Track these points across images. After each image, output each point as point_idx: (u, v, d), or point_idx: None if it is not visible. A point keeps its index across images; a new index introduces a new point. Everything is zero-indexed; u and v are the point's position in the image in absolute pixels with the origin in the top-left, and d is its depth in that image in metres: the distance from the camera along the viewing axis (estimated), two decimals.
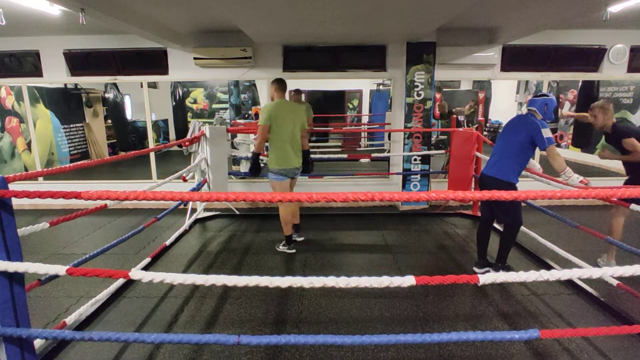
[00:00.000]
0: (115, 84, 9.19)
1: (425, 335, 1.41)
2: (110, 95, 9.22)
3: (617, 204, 2.93)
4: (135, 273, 1.56)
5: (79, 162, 2.37)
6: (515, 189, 3.02)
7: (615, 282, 2.85)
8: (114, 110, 9.42)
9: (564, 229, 4.28)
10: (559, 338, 2.39)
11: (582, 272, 1.48)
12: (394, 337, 1.39)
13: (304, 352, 2.29)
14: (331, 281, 1.42)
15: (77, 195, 1.48)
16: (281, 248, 3.91)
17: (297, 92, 5.97)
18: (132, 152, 3.22)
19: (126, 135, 9.83)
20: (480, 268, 3.41)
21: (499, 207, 3.15)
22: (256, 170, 3.60)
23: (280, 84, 3.63)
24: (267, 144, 3.70)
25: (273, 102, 3.61)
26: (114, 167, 8.56)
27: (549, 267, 3.41)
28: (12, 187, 1.65)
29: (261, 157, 3.78)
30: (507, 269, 3.25)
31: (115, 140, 9.76)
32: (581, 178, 2.82)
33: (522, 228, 3.40)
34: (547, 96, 2.97)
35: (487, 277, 1.47)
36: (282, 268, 3.55)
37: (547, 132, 2.86)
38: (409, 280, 1.43)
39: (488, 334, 1.46)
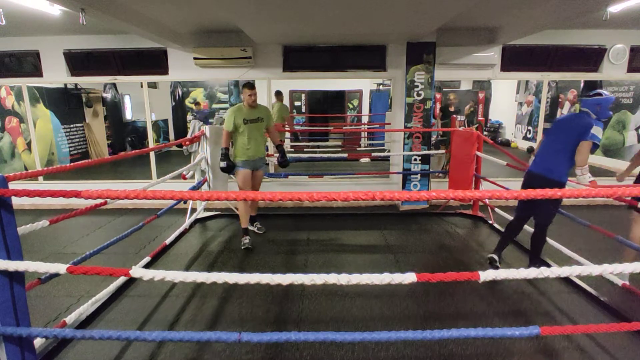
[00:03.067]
0: (114, 84, 9.19)
1: (426, 332, 1.41)
2: (108, 95, 9.21)
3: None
4: (136, 271, 1.56)
5: (79, 162, 2.38)
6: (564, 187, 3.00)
7: (620, 282, 2.85)
8: (112, 110, 9.40)
9: (564, 228, 4.27)
10: (560, 339, 2.38)
11: (582, 269, 1.49)
12: (395, 333, 1.39)
13: (305, 351, 2.29)
14: (332, 278, 1.42)
15: (77, 194, 1.48)
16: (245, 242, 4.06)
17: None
18: (132, 151, 3.25)
19: (123, 136, 9.80)
20: (496, 255, 3.41)
21: (541, 206, 3.08)
22: None
23: None
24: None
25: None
26: (114, 167, 8.56)
27: (542, 263, 3.42)
28: (12, 186, 1.65)
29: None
30: (547, 264, 3.24)
31: (111, 141, 9.76)
32: (592, 179, 2.83)
33: (524, 227, 3.41)
34: (601, 95, 2.89)
35: (488, 274, 1.48)
36: (282, 267, 3.55)
37: (596, 130, 2.80)
38: (410, 277, 1.44)
39: (489, 331, 1.46)
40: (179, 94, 10.44)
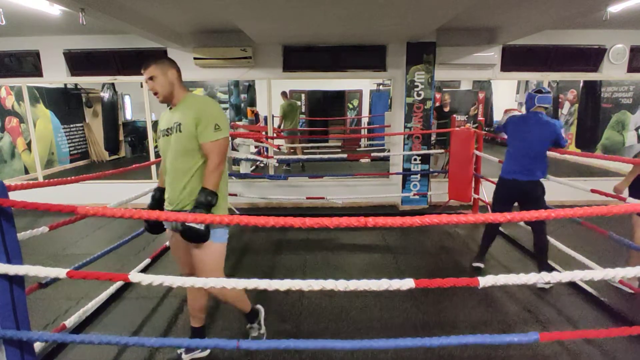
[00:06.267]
0: (112, 84, 9.17)
1: (425, 340, 1.41)
2: (105, 95, 9.18)
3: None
4: (135, 276, 1.56)
5: (80, 176, 2.43)
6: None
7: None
8: (107, 110, 9.34)
9: (563, 229, 4.27)
10: (560, 342, 2.38)
11: (583, 274, 1.47)
12: (394, 341, 1.39)
13: (304, 353, 2.28)
14: (330, 284, 1.42)
15: (73, 209, 1.48)
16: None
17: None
18: (134, 165, 3.49)
19: (116, 136, 9.69)
20: (480, 262, 3.45)
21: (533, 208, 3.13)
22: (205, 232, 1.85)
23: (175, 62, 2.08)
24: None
25: (209, 98, 2.16)
26: (115, 167, 8.55)
27: (550, 268, 3.41)
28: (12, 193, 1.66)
29: None
30: (551, 269, 3.24)
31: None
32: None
33: (524, 227, 3.41)
34: (550, 92, 3.06)
35: (487, 280, 1.47)
36: (281, 268, 3.55)
37: (562, 131, 3.00)
38: (407, 284, 1.43)
39: (487, 337, 1.46)
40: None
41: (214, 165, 1.87)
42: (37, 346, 2.12)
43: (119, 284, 2.95)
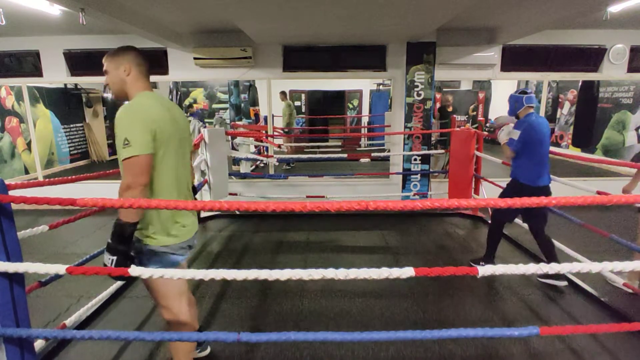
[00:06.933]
0: None
1: (425, 332, 1.41)
2: (108, 94, 9.25)
3: None
4: (135, 270, 1.57)
5: (81, 175, 2.42)
6: None
7: (620, 282, 2.85)
8: (110, 110, 9.45)
9: (564, 229, 4.27)
10: (560, 338, 2.38)
11: (581, 266, 1.51)
12: (394, 333, 1.40)
13: (304, 350, 2.29)
14: (330, 273, 1.44)
15: (72, 202, 1.49)
16: None
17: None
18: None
19: None
20: (491, 263, 3.41)
21: (534, 211, 3.07)
22: (127, 258, 1.68)
23: (140, 55, 1.75)
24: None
25: (145, 97, 1.65)
26: (115, 167, 8.55)
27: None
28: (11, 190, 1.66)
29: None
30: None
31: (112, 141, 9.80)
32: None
33: (524, 227, 3.41)
34: (532, 91, 3.11)
35: (486, 270, 1.48)
36: (282, 267, 3.55)
37: None
38: (408, 272, 1.45)
39: (487, 331, 1.47)
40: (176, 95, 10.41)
41: (121, 188, 1.53)
42: (38, 345, 2.12)
43: (119, 282, 2.95)
